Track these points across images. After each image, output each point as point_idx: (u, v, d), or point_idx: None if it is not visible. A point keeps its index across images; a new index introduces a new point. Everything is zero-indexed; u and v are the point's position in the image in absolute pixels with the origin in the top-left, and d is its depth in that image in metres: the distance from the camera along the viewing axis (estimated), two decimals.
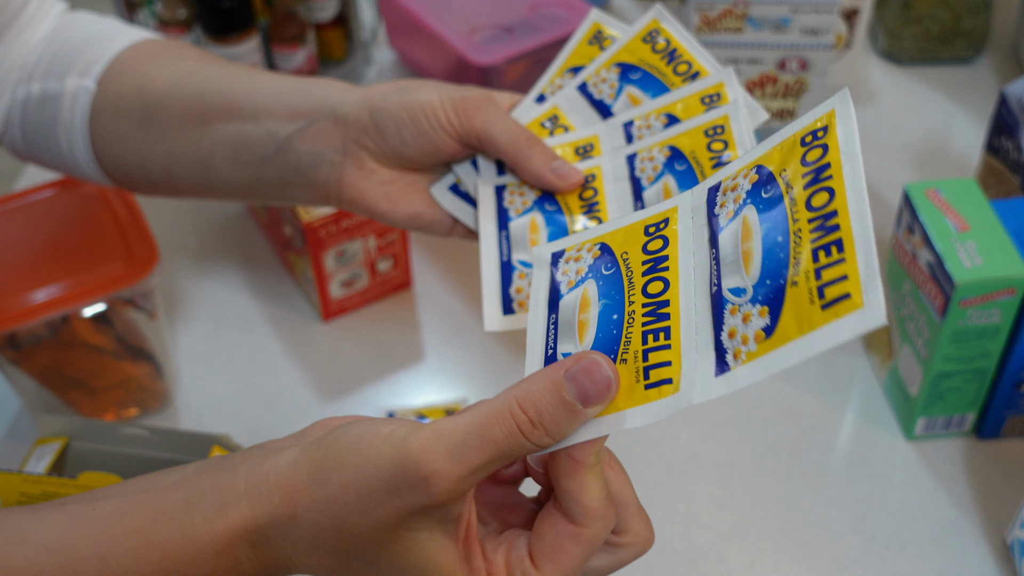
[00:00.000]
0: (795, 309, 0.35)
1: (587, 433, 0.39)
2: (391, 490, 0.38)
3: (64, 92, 0.62)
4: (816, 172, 0.36)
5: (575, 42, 0.56)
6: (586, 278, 0.42)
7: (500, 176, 0.54)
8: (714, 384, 0.37)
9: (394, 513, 0.39)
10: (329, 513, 0.40)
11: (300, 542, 0.41)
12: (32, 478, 0.59)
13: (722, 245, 0.38)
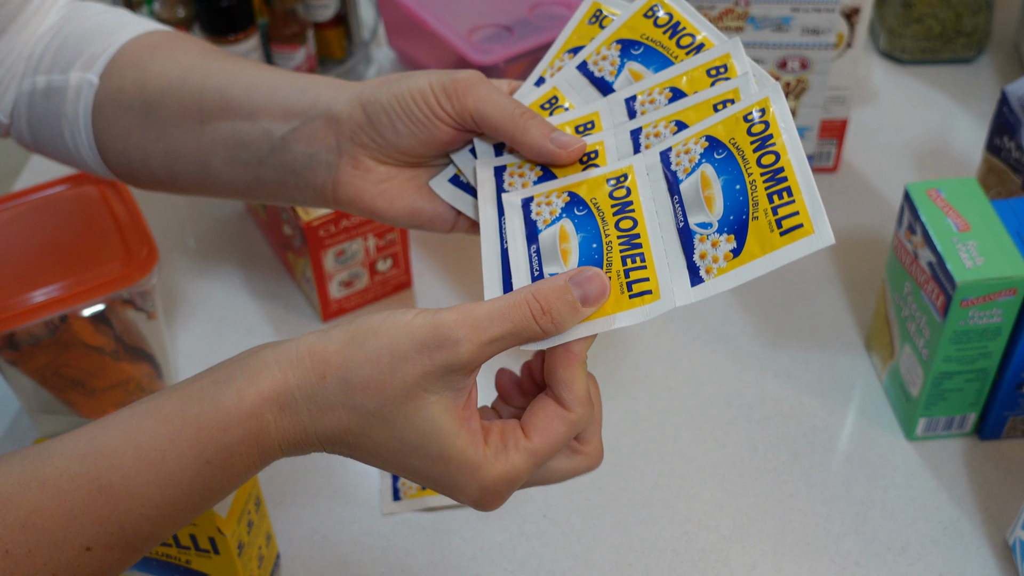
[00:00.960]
0: (758, 236, 0.45)
1: (584, 331, 0.47)
2: (422, 350, 0.45)
3: (68, 86, 0.62)
4: (762, 140, 0.47)
5: (575, 22, 0.55)
6: (560, 217, 0.49)
7: (499, 157, 0.53)
8: (691, 292, 0.46)
9: (420, 371, 0.45)
10: (360, 372, 0.45)
11: (325, 403, 0.45)
12: None
13: (684, 192, 0.48)
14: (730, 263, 0.45)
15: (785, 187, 0.45)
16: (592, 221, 0.49)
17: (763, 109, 0.48)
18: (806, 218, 0.44)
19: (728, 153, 0.47)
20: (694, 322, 0.82)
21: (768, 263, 0.45)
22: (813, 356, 0.80)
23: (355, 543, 0.69)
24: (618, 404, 0.77)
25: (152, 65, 0.61)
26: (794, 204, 0.45)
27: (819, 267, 0.86)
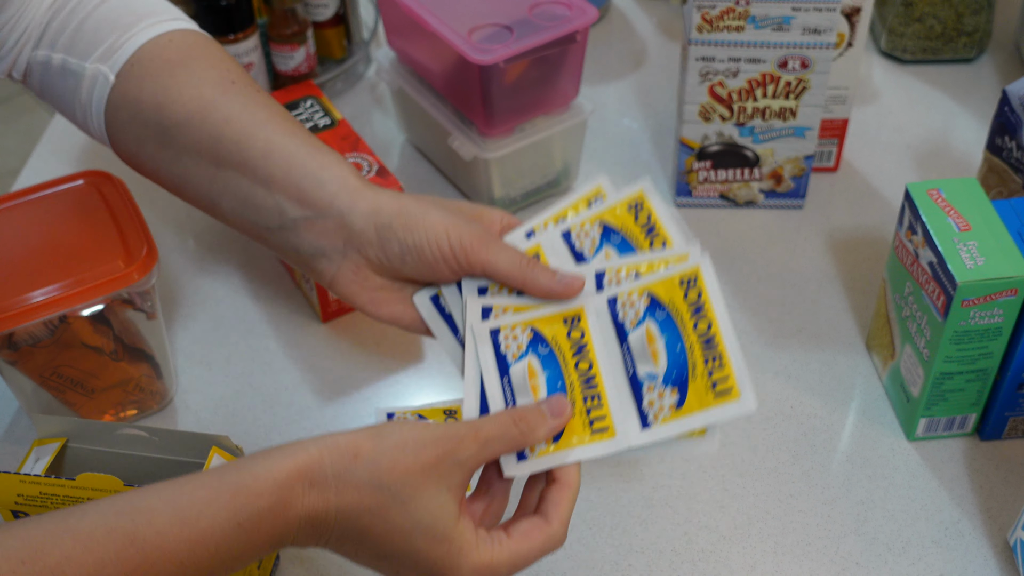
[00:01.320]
0: (697, 393, 0.53)
1: (558, 460, 0.54)
2: (438, 442, 0.51)
3: (84, 73, 0.63)
4: (697, 308, 0.55)
5: (576, 197, 0.62)
6: (527, 353, 0.56)
7: (482, 296, 0.59)
8: (642, 434, 0.54)
9: (435, 460, 0.51)
10: (388, 455, 0.50)
11: (352, 480, 0.50)
12: (30, 479, 0.59)
13: (632, 344, 0.56)
14: (674, 413, 0.54)
15: (718, 353, 0.54)
16: (555, 360, 0.56)
17: (695, 278, 0.56)
18: (734, 384, 0.53)
19: (668, 315, 0.56)
20: None
21: (705, 418, 0.53)
22: (813, 356, 0.80)
23: None
24: None
25: (171, 87, 0.62)
26: (724, 370, 0.53)
27: (819, 267, 0.86)
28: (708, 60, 0.82)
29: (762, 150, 0.87)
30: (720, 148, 0.87)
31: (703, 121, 0.86)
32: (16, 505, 0.61)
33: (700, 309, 0.55)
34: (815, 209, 0.91)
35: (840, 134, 0.92)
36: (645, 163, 0.96)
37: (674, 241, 0.59)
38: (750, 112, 0.85)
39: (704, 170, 0.89)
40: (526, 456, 0.54)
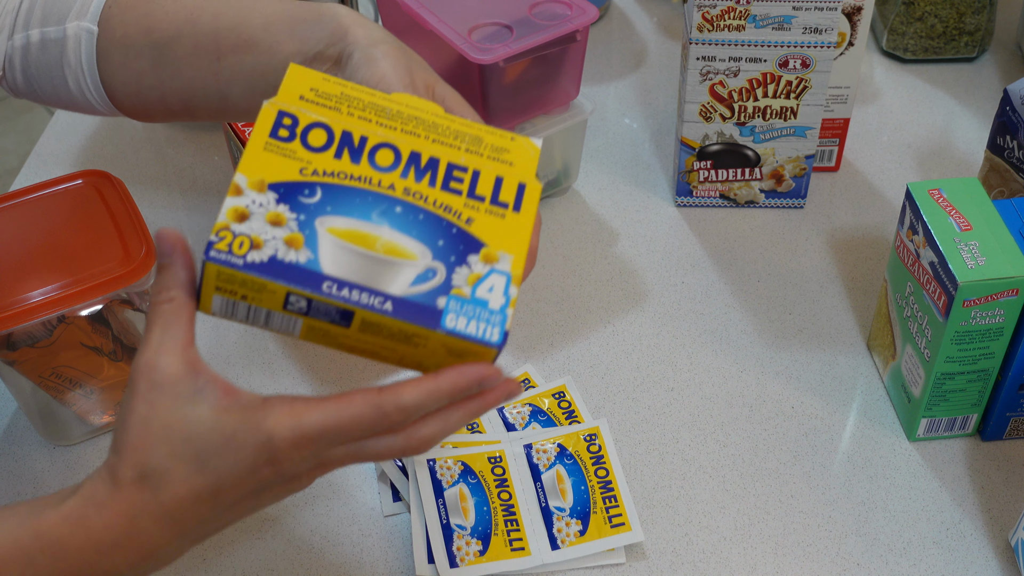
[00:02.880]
0: (596, 525, 0.68)
1: (477, 572, 0.66)
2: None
3: (66, 36, 0.64)
4: (598, 459, 0.71)
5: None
6: (458, 482, 0.69)
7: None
8: (552, 554, 0.67)
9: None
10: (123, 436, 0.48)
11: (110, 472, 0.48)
12: (334, 79, 0.54)
13: (545, 481, 0.70)
14: (578, 539, 0.67)
15: (613, 495, 0.69)
16: (482, 490, 0.69)
17: (595, 434, 0.72)
18: (627, 519, 0.68)
19: (575, 461, 0.70)
20: (695, 322, 0.82)
21: (603, 544, 0.67)
22: (814, 356, 0.79)
23: (355, 543, 0.69)
24: (619, 405, 0.76)
25: (154, 9, 0.64)
26: (619, 508, 0.68)
27: (820, 267, 0.86)
28: (709, 59, 0.82)
29: (763, 150, 0.87)
30: (721, 148, 0.87)
31: (704, 121, 0.86)
32: (302, 101, 0.53)
33: (600, 459, 0.71)
34: (816, 209, 0.91)
35: (841, 134, 0.92)
36: (645, 163, 0.96)
37: (584, 418, 0.74)
38: (751, 112, 0.85)
39: (705, 170, 0.89)
40: (457, 564, 0.65)
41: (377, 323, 0.48)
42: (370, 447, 0.49)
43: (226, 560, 0.68)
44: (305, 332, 0.50)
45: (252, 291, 0.48)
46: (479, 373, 0.49)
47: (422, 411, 0.49)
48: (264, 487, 0.49)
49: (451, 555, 0.66)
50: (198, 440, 0.47)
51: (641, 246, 0.88)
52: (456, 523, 0.67)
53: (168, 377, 0.47)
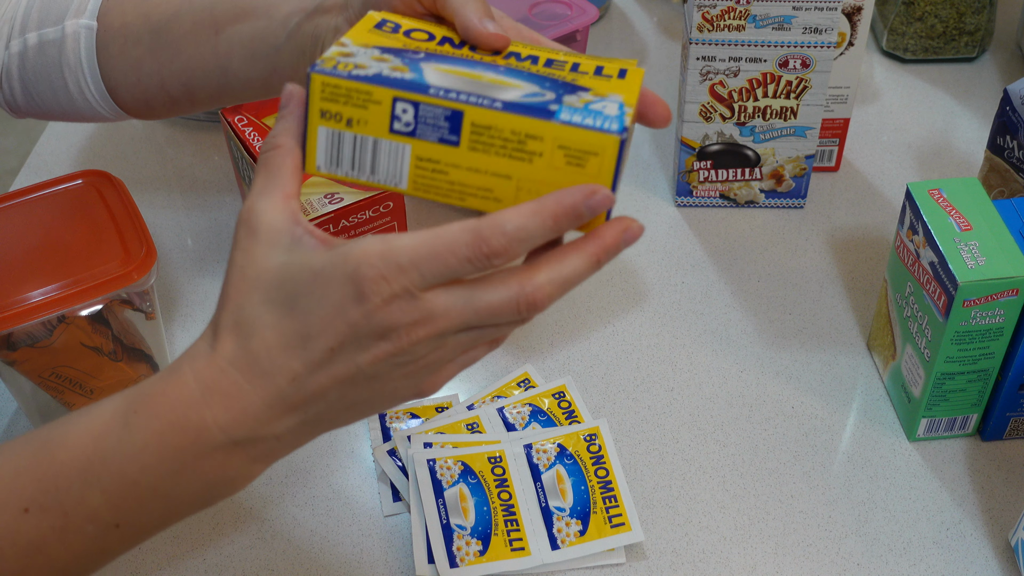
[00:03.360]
0: (596, 525, 0.67)
1: (478, 572, 0.65)
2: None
3: (65, 35, 0.64)
4: (598, 459, 0.70)
5: (505, 380, 0.77)
6: (458, 482, 0.68)
7: (427, 448, 0.70)
8: (552, 554, 0.66)
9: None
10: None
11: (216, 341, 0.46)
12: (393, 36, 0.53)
13: (545, 481, 0.69)
14: (578, 539, 0.67)
15: (613, 495, 0.69)
16: (482, 490, 0.68)
17: (595, 434, 0.72)
18: (627, 519, 0.67)
19: (575, 462, 0.70)
20: (695, 322, 0.82)
21: (602, 544, 0.67)
22: (814, 356, 0.79)
23: (355, 543, 0.69)
24: (619, 405, 0.76)
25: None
26: (619, 508, 0.68)
27: (820, 267, 0.86)
28: (709, 60, 0.82)
29: (763, 150, 0.87)
30: (721, 148, 0.87)
31: (704, 121, 0.86)
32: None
33: (600, 459, 0.70)
34: (816, 209, 0.91)
35: (841, 134, 0.92)
36: (645, 163, 0.96)
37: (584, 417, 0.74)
38: (751, 112, 0.85)
39: (704, 170, 0.89)
40: (457, 564, 0.65)
41: (488, 127, 0.46)
42: (482, 300, 0.45)
43: (226, 560, 0.68)
44: (413, 172, 0.47)
45: (357, 108, 0.46)
46: (584, 189, 0.45)
47: (528, 240, 0.44)
48: (360, 340, 0.44)
49: (451, 555, 0.66)
50: (289, 283, 0.44)
51: (641, 246, 0.88)
52: (456, 523, 0.67)
53: (265, 225, 0.45)
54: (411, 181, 0.48)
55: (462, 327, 0.45)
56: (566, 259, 0.46)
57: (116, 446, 0.45)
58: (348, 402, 0.46)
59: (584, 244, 0.46)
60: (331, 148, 0.48)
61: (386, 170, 0.48)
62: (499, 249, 0.44)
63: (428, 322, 0.44)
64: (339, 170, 0.48)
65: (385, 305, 0.43)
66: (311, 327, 0.44)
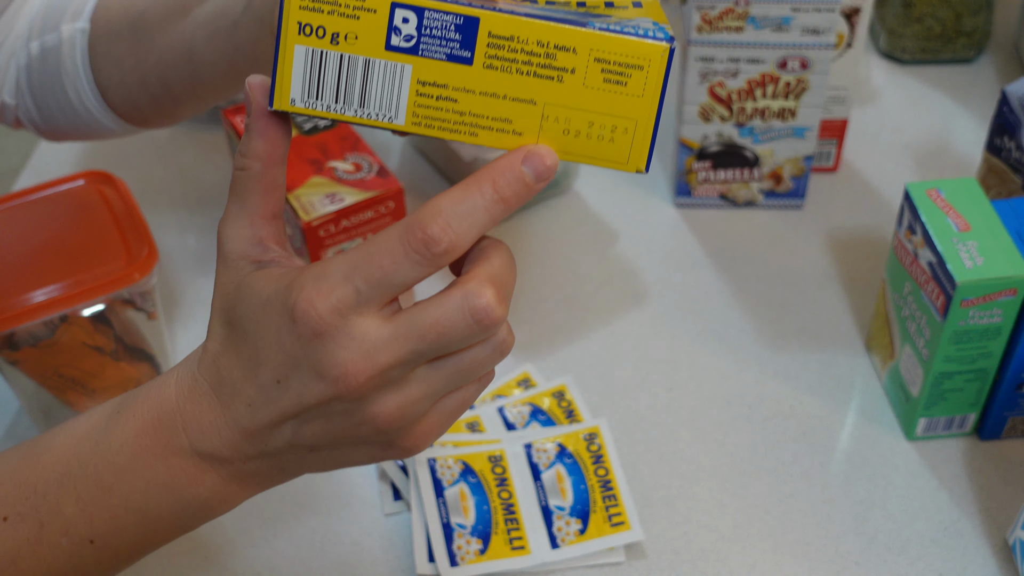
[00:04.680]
0: (596, 523, 0.67)
1: (478, 570, 0.65)
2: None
3: (62, 40, 0.63)
4: (597, 458, 0.70)
5: (505, 380, 0.77)
6: (459, 481, 0.69)
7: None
8: (551, 553, 0.66)
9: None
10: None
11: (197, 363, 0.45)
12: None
13: (545, 480, 0.69)
14: (578, 538, 0.67)
15: (613, 494, 0.68)
16: (482, 489, 0.68)
17: (595, 434, 0.71)
18: (626, 518, 0.67)
19: (574, 461, 0.70)
20: (694, 322, 0.82)
21: (601, 543, 0.66)
22: (813, 356, 0.80)
23: (355, 543, 0.69)
24: (617, 404, 0.77)
25: None
26: (618, 507, 0.68)
27: (819, 267, 0.86)
28: (708, 60, 0.82)
29: (762, 150, 0.87)
30: (720, 148, 0.88)
31: (703, 121, 0.86)
32: None
33: (599, 459, 0.70)
34: (815, 209, 0.91)
35: (840, 134, 0.92)
36: None
37: (584, 417, 0.74)
38: (750, 112, 0.85)
39: (704, 170, 0.89)
40: (457, 563, 0.65)
41: (510, 37, 0.38)
42: (424, 319, 0.40)
43: (227, 559, 0.68)
44: (413, 101, 0.39)
45: (346, 18, 0.38)
46: (521, 149, 0.40)
47: (470, 218, 0.39)
48: (302, 376, 0.40)
49: (451, 554, 0.66)
50: (244, 308, 0.42)
51: (641, 246, 0.88)
52: (456, 522, 0.67)
53: (227, 251, 0.44)
54: (410, 113, 0.40)
55: (410, 358, 0.40)
56: (489, 250, 0.41)
57: (94, 448, 0.45)
58: (308, 445, 0.43)
59: (495, 207, 0.40)
60: (310, 74, 0.39)
61: (379, 100, 0.40)
62: (437, 233, 0.39)
63: (368, 357, 0.40)
64: (319, 103, 0.40)
65: (316, 336, 0.40)
66: (260, 355, 0.42)
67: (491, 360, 0.42)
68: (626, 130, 0.40)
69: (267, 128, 0.42)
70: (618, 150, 0.41)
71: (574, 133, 0.40)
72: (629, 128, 0.40)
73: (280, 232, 0.45)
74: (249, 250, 0.43)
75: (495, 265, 0.41)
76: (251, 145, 0.43)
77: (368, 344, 0.39)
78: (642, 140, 0.40)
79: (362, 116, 0.40)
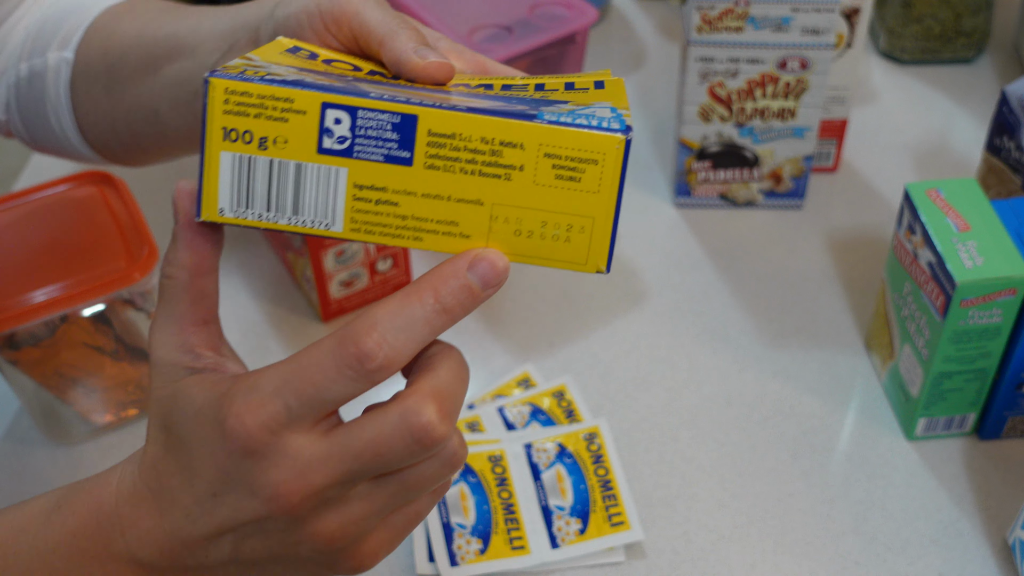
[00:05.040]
0: (596, 523, 0.67)
1: (478, 570, 0.65)
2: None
3: (47, 67, 0.61)
4: (597, 458, 0.70)
5: (505, 379, 0.77)
6: (458, 481, 0.69)
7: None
8: (551, 552, 0.66)
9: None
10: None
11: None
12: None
13: (545, 480, 0.69)
14: (578, 537, 0.67)
15: (613, 494, 0.68)
16: (482, 489, 0.69)
17: (595, 434, 0.71)
18: (626, 518, 0.67)
19: (574, 461, 0.70)
20: (693, 322, 0.82)
21: (601, 543, 0.66)
22: (813, 356, 0.80)
23: None
24: (617, 404, 0.77)
25: (116, 30, 0.60)
26: (618, 507, 0.68)
27: (819, 267, 0.86)
28: (707, 61, 0.82)
29: (761, 150, 0.87)
30: (720, 148, 0.88)
31: (703, 121, 0.86)
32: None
33: (599, 459, 0.70)
34: (814, 209, 0.91)
35: (839, 134, 0.92)
36: (645, 163, 0.96)
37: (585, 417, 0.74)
38: (749, 112, 0.85)
39: (704, 170, 0.89)
40: (457, 563, 0.65)
41: (452, 135, 0.36)
42: (360, 437, 0.37)
43: None
44: (350, 206, 0.37)
45: (274, 121, 0.36)
46: (467, 253, 0.37)
47: (408, 331, 0.36)
48: (237, 492, 0.38)
49: (451, 554, 0.66)
50: (179, 416, 0.40)
51: (640, 246, 0.88)
52: (456, 522, 0.68)
53: (157, 357, 0.41)
54: (348, 219, 0.37)
55: (346, 478, 0.38)
56: (436, 359, 0.38)
57: (31, 544, 0.42)
58: (247, 560, 0.41)
59: (436, 318, 0.37)
60: (239, 182, 0.37)
61: (314, 207, 0.37)
62: (371, 349, 0.36)
63: (301, 477, 0.37)
64: (250, 212, 0.37)
65: (247, 453, 0.37)
66: (195, 465, 0.39)
67: (440, 475, 0.39)
68: (582, 229, 0.37)
69: (194, 240, 0.41)
70: (575, 250, 0.38)
71: (526, 234, 0.37)
72: (586, 227, 0.37)
73: (214, 337, 0.42)
74: (179, 357, 0.41)
75: (441, 377, 0.38)
76: (177, 256, 0.41)
77: (301, 463, 0.37)
78: (601, 238, 0.38)
79: (297, 224, 0.38)
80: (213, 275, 0.42)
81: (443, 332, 0.36)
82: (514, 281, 0.86)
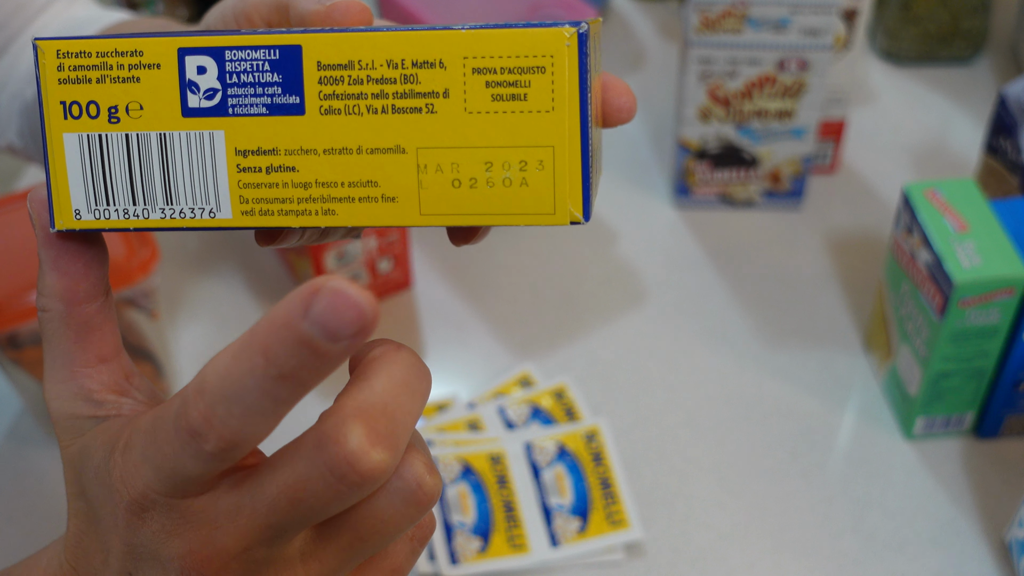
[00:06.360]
0: (596, 522, 0.68)
1: (478, 568, 0.65)
2: None
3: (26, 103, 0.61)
4: (597, 457, 0.71)
5: (507, 378, 0.78)
6: (459, 480, 0.70)
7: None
8: (551, 551, 0.67)
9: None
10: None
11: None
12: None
13: (545, 479, 0.70)
14: (578, 537, 0.68)
15: (612, 493, 0.70)
16: (482, 488, 0.70)
17: (594, 433, 0.73)
18: (626, 517, 0.68)
19: (574, 460, 0.71)
20: (693, 322, 0.82)
21: (601, 541, 0.67)
22: (812, 356, 0.80)
23: None
24: (618, 404, 0.77)
25: None
26: (618, 506, 0.69)
27: (817, 267, 0.87)
28: (707, 61, 0.83)
29: (760, 151, 0.88)
30: (719, 149, 0.88)
31: (702, 122, 0.86)
32: None
33: (599, 458, 0.71)
34: (813, 210, 0.92)
35: (838, 135, 0.93)
36: (644, 163, 0.96)
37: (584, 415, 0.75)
38: (748, 113, 0.85)
39: (703, 171, 0.89)
40: (457, 561, 0.66)
41: (347, 63, 0.28)
42: (274, 482, 0.29)
43: None
44: (236, 183, 0.29)
45: (121, 78, 0.28)
46: (304, 288, 0.26)
47: (238, 399, 0.27)
48: (146, 567, 0.32)
49: (452, 552, 0.67)
50: (85, 478, 0.34)
51: (640, 246, 0.89)
52: (457, 521, 0.68)
53: (54, 412, 0.34)
54: (236, 199, 0.29)
55: (268, 534, 0.30)
56: (372, 366, 0.30)
57: None
58: None
59: (275, 387, 0.28)
60: (91, 171, 0.29)
61: (191, 190, 0.29)
62: (199, 425, 0.27)
63: (208, 543, 0.30)
64: (113, 209, 0.29)
65: (142, 521, 0.31)
66: (107, 540, 0.33)
67: (405, 515, 0.30)
68: (541, 164, 0.28)
69: (59, 259, 0.32)
70: (536, 196, 0.28)
71: (468, 183, 0.28)
72: (545, 160, 0.28)
73: (116, 376, 0.34)
74: (77, 407, 0.33)
75: (374, 389, 0.29)
76: (44, 282, 0.32)
77: (205, 527, 0.30)
78: (566, 174, 0.28)
79: (174, 217, 0.29)
80: (97, 299, 0.33)
81: (300, 399, 0.27)
82: (514, 281, 0.86)
